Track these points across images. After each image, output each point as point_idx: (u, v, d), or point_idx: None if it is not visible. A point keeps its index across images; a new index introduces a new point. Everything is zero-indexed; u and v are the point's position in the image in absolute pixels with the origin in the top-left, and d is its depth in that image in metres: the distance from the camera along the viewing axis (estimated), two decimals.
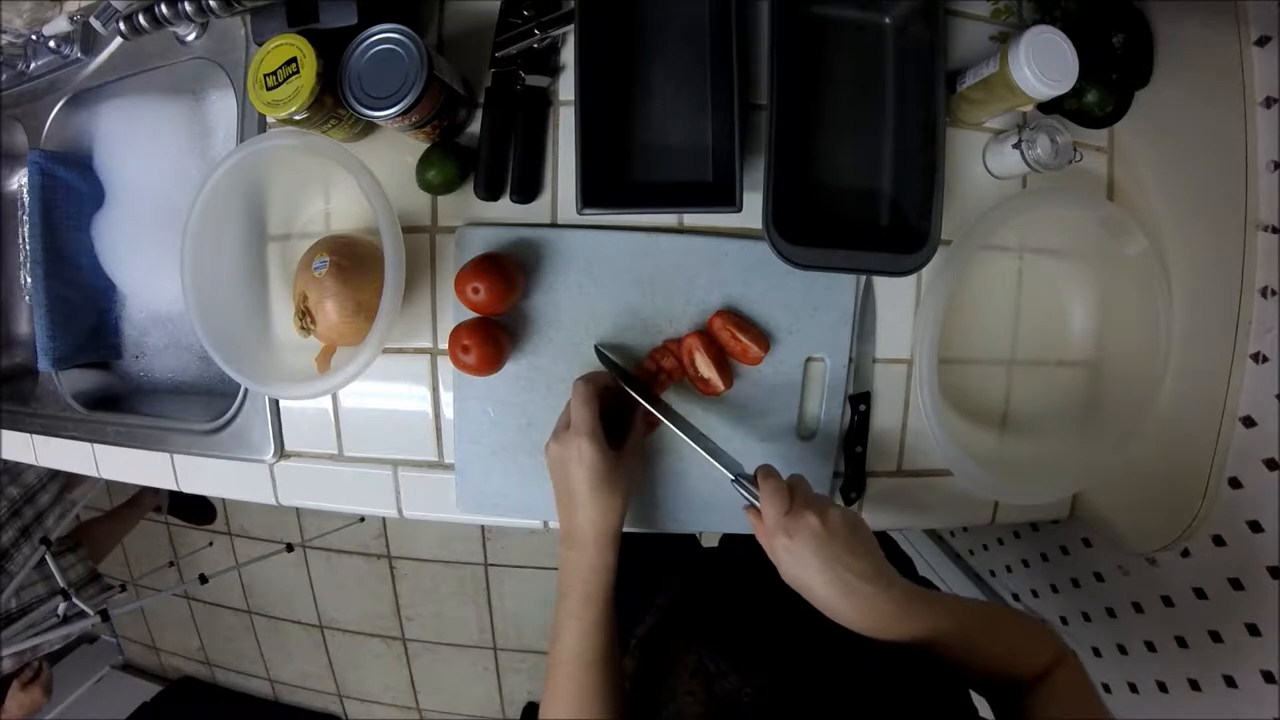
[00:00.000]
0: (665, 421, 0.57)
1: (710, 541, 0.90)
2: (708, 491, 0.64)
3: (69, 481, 1.37)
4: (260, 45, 0.54)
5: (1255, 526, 0.55)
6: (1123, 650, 0.72)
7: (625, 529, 0.64)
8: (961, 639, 0.45)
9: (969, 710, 0.45)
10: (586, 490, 0.51)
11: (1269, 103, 0.53)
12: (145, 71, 0.72)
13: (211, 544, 2.01)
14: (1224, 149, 0.56)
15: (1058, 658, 0.46)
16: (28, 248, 0.76)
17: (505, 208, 0.62)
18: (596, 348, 0.61)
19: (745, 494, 0.52)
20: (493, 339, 0.59)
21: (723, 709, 0.44)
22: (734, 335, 0.60)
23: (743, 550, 0.80)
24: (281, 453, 0.68)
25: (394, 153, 0.63)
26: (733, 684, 0.45)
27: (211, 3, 0.56)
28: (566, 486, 0.53)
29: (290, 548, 1.79)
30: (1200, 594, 0.60)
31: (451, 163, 0.61)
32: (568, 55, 0.61)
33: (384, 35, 0.54)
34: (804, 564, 0.45)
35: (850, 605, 0.44)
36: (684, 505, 0.64)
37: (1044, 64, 0.52)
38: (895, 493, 0.67)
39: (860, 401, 0.64)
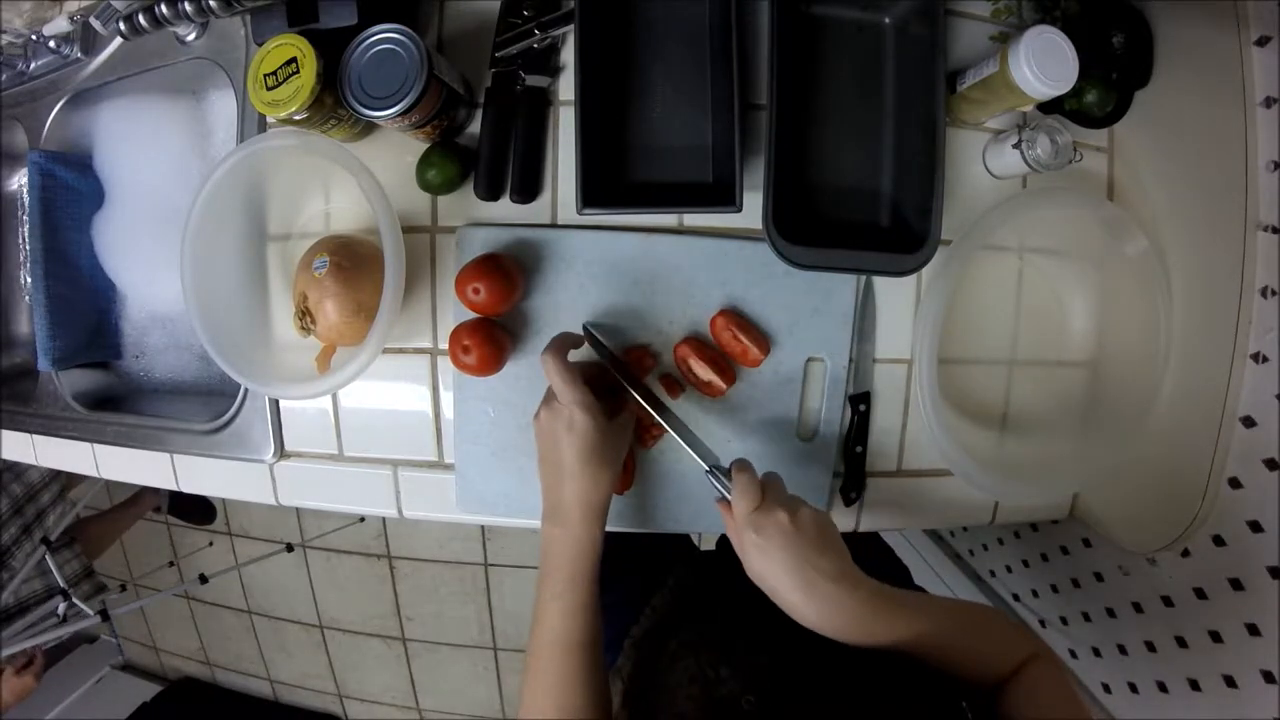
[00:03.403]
0: (645, 406, 0.55)
1: (707, 545, 0.90)
2: (708, 492, 0.64)
3: (70, 480, 1.38)
4: (260, 45, 0.54)
5: (1255, 526, 0.54)
6: (1123, 650, 0.72)
7: (623, 528, 0.64)
8: (935, 641, 0.44)
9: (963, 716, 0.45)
10: (576, 461, 0.49)
11: (1269, 103, 0.53)
12: (145, 71, 0.72)
13: (211, 544, 2.01)
14: (1224, 149, 0.56)
15: (1032, 654, 0.46)
16: (28, 248, 0.76)
17: (505, 208, 0.62)
18: (585, 327, 0.60)
19: (718, 486, 0.51)
20: (493, 339, 0.59)
21: (722, 715, 0.44)
22: (735, 336, 0.60)
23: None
24: (281, 453, 0.68)
25: (394, 153, 0.63)
26: (733, 690, 0.45)
27: (211, 3, 0.56)
28: (554, 457, 0.50)
29: (290, 548, 1.79)
30: (1200, 594, 0.60)
31: (451, 163, 0.61)
32: (568, 55, 0.61)
33: (384, 35, 0.53)
34: (770, 560, 0.44)
35: (815, 604, 0.43)
36: (684, 505, 0.64)
37: (1044, 64, 0.52)
38: (895, 493, 0.67)
39: (860, 401, 0.64)
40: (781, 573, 0.44)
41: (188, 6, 0.57)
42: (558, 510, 0.51)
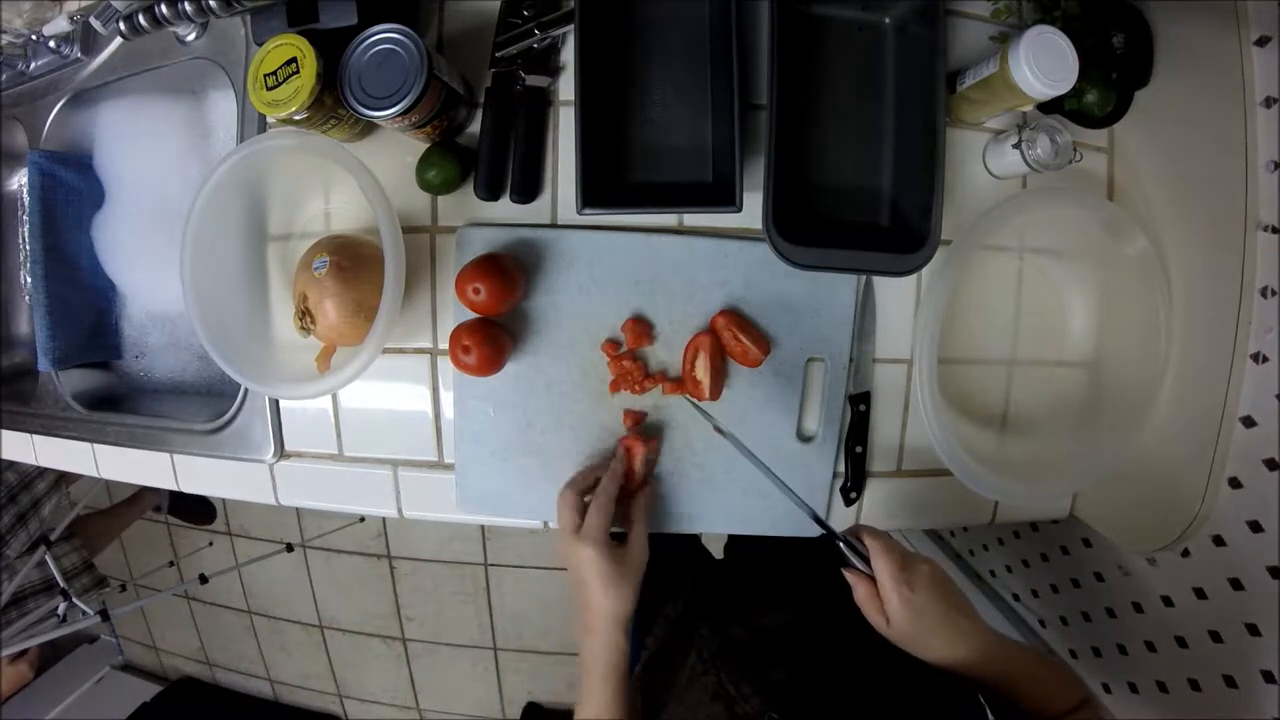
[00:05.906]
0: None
1: (711, 547, 0.90)
2: (711, 492, 0.64)
3: (66, 472, 1.37)
4: (260, 45, 0.54)
5: (1255, 526, 0.54)
6: (1123, 650, 0.72)
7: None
8: (1026, 673, 0.48)
9: None
10: (599, 586, 0.52)
11: (1269, 103, 0.53)
12: (145, 71, 0.72)
13: (211, 544, 2.00)
14: (1224, 149, 0.56)
15: (1085, 699, 0.48)
16: (28, 248, 0.76)
17: (505, 208, 0.62)
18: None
19: (852, 555, 0.51)
20: (493, 339, 0.59)
21: None
22: (735, 336, 0.60)
23: (751, 558, 0.80)
24: (281, 453, 0.68)
25: (394, 153, 0.63)
26: (756, 708, 0.45)
27: (211, 3, 0.56)
28: (579, 579, 0.54)
29: (290, 548, 1.79)
30: (1200, 594, 0.60)
31: (451, 163, 0.61)
32: (568, 55, 0.61)
33: (384, 35, 0.53)
34: (923, 614, 0.47)
35: (964, 649, 0.46)
36: (686, 505, 0.64)
37: (1044, 64, 0.52)
38: (895, 493, 0.67)
39: (860, 401, 0.64)
40: (935, 625, 0.47)
41: (188, 6, 0.57)
42: (587, 623, 0.54)
